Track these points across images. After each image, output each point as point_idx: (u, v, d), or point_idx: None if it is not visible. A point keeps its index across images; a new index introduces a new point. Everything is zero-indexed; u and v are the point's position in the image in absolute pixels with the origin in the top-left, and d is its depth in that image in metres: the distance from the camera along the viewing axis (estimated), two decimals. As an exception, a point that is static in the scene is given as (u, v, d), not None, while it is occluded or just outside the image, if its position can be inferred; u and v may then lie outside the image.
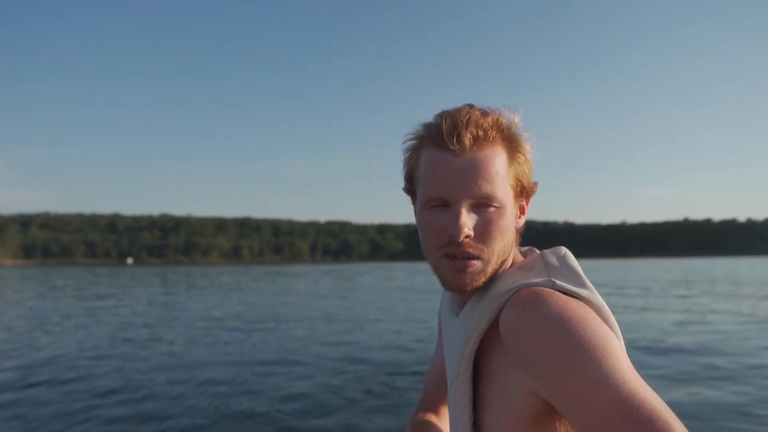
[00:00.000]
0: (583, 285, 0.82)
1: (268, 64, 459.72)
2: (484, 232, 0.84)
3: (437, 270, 0.88)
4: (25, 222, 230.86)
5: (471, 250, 0.84)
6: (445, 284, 0.88)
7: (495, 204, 0.84)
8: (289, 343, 8.92)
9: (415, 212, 0.92)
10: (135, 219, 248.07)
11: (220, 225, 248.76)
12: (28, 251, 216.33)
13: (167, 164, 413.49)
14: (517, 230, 0.93)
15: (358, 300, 18.01)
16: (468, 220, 0.83)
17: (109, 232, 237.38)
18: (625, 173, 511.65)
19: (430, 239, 0.87)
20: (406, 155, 0.92)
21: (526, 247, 0.99)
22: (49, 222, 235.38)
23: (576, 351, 0.69)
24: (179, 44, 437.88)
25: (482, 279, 0.87)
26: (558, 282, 0.80)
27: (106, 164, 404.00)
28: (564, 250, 0.90)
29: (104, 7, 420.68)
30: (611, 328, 0.79)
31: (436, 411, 1.21)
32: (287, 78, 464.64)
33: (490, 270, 0.87)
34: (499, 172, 0.84)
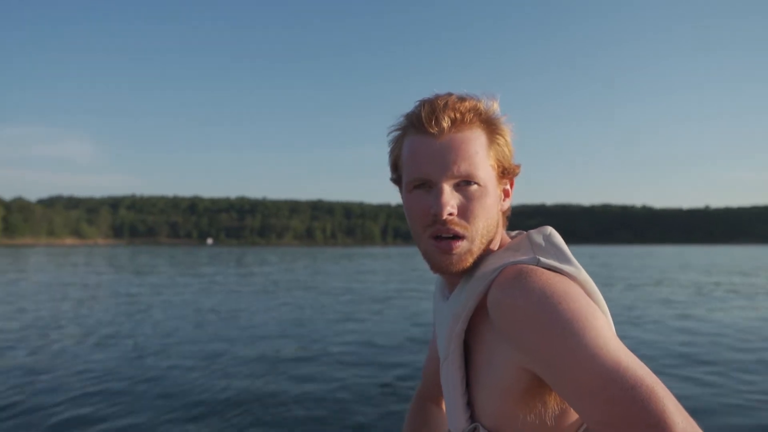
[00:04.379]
0: (567, 261, 0.83)
1: (344, 51, 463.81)
2: (467, 210, 0.86)
3: (425, 254, 0.90)
4: (114, 204, 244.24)
5: (456, 228, 0.85)
6: (433, 266, 0.89)
7: (476, 182, 0.86)
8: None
9: (402, 199, 0.94)
10: (214, 201, 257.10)
11: (294, 207, 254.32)
12: (117, 231, 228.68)
13: (244, 148, 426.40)
14: (503, 213, 0.95)
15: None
16: (451, 199, 0.85)
17: (190, 213, 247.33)
18: (708, 155, 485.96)
19: (415, 221, 0.89)
20: (391, 146, 0.94)
21: (515, 231, 0.99)
22: (135, 204, 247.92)
23: (560, 323, 0.71)
24: (255, 31, 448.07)
25: (469, 259, 0.88)
26: (543, 259, 0.82)
27: (187, 149, 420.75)
28: (549, 230, 0.91)
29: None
30: (596, 302, 0.81)
31: (434, 398, 1.25)
32: (361, 64, 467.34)
33: (476, 250, 0.88)
34: (478, 152, 0.86)
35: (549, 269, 0.81)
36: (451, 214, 0.85)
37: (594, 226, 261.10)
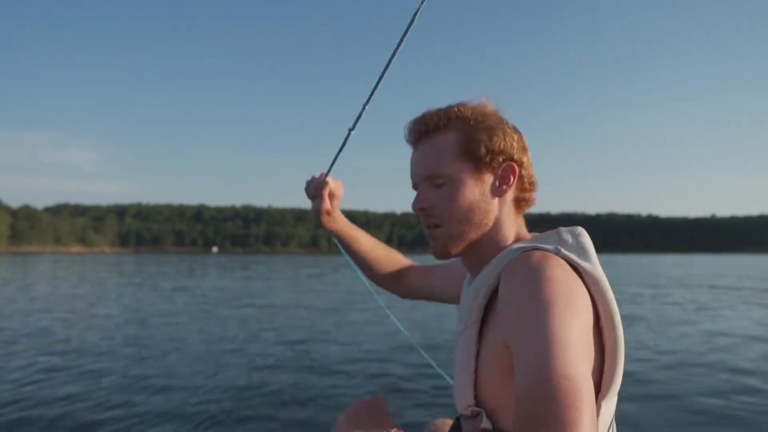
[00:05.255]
0: (587, 259, 0.87)
1: (351, 58, 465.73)
2: (440, 203, 1.00)
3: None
4: (120, 212, 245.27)
5: (431, 219, 1.01)
6: (432, 253, 1.05)
7: (443, 179, 0.99)
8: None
9: None
10: (219, 210, 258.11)
11: (298, 216, 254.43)
12: (123, 239, 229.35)
13: (249, 156, 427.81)
14: (513, 199, 1.02)
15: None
16: (423, 195, 1.02)
17: (196, 221, 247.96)
18: (715, 163, 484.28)
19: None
20: None
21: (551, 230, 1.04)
22: (141, 212, 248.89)
23: (540, 305, 0.76)
24: (260, 39, 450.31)
25: (457, 244, 1.00)
26: (563, 250, 0.87)
27: (193, 157, 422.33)
28: (580, 230, 0.95)
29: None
30: (605, 302, 0.84)
31: (411, 268, 1.49)
32: (367, 71, 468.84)
33: (458, 233, 1.00)
34: (444, 151, 0.99)
35: (566, 260, 0.85)
36: (423, 209, 1.02)
37: (599, 234, 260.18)
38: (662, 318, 10.68)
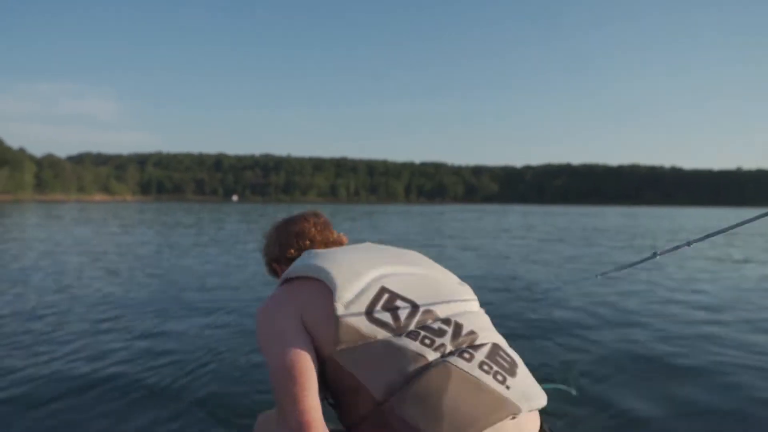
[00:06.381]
0: (307, 268, 1.19)
1: (369, 8, 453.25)
2: None
3: None
4: (141, 161, 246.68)
5: None
6: None
7: None
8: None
9: None
10: (239, 159, 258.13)
11: (317, 165, 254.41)
12: (144, 188, 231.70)
13: (269, 105, 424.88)
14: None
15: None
16: None
17: (216, 170, 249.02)
18: (740, 115, 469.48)
19: None
20: None
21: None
22: (162, 161, 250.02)
23: (261, 344, 1.10)
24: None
25: None
26: (286, 277, 1.23)
27: (212, 106, 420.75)
28: (307, 253, 1.34)
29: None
30: (332, 279, 1.12)
31: None
32: (388, 21, 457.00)
33: None
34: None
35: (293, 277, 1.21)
36: None
37: (620, 186, 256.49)
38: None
